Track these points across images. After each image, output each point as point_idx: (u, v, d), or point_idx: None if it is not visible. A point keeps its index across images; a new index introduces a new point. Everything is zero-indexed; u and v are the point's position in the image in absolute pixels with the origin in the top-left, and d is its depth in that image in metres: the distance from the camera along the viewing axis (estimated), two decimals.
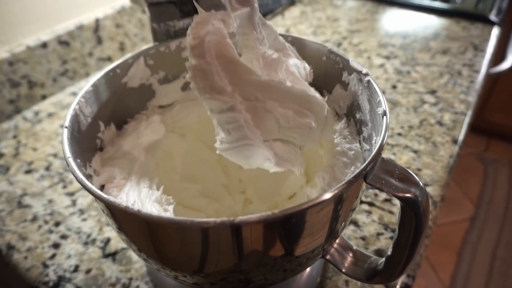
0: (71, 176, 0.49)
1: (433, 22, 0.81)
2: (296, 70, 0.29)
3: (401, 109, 0.58)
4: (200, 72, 0.22)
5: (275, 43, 0.30)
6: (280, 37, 0.31)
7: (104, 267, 0.39)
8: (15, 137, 0.56)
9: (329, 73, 0.34)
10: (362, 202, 0.44)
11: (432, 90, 0.62)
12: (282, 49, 0.31)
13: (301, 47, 0.35)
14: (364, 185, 0.26)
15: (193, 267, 0.26)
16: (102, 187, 0.31)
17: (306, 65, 0.31)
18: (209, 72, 0.22)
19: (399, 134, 0.53)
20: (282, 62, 0.27)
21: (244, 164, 0.28)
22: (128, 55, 0.35)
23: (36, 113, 0.60)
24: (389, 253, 0.28)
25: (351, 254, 0.31)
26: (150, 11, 0.41)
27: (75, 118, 0.30)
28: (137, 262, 0.39)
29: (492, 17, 0.79)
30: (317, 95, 0.28)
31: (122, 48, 0.74)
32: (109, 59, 0.73)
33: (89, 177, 0.30)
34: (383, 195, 0.45)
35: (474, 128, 1.66)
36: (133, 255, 0.40)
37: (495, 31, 0.77)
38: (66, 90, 0.65)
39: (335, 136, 0.33)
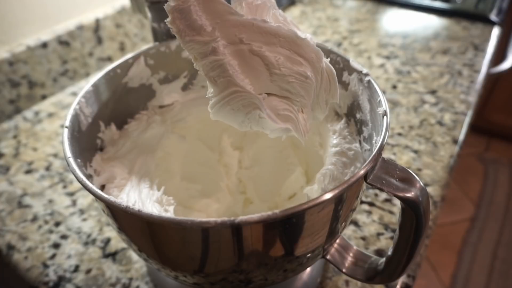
0: (71, 176, 0.49)
1: (434, 22, 0.81)
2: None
3: (401, 109, 0.58)
4: (178, 13, 0.22)
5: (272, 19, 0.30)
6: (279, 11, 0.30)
7: (104, 267, 0.39)
8: (15, 137, 0.56)
9: None
10: (362, 202, 0.44)
11: (432, 90, 0.62)
12: (283, 22, 0.30)
13: None
14: (364, 185, 0.26)
15: (194, 267, 0.26)
16: (102, 187, 0.31)
17: (308, 35, 0.30)
18: (188, 11, 0.21)
19: (399, 134, 0.53)
20: (268, 8, 0.25)
21: (237, 124, 0.26)
22: (128, 55, 0.35)
23: (36, 113, 0.60)
24: (389, 253, 0.28)
25: (351, 254, 0.31)
26: (150, 11, 0.41)
27: (76, 118, 0.30)
28: (137, 262, 0.39)
29: (493, 17, 0.79)
30: (311, 41, 0.25)
31: (122, 48, 0.74)
32: (109, 59, 0.73)
33: (89, 177, 0.30)
34: (383, 195, 0.45)
35: (474, 128, 1.66)
36: (133, 255, 0.40)
37: (496, 31, 0.77)
38: (66, 90, 0.65)
39: (334, 137, 0.33)
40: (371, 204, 0.44)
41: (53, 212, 0.44)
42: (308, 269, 0.37)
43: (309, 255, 0.27)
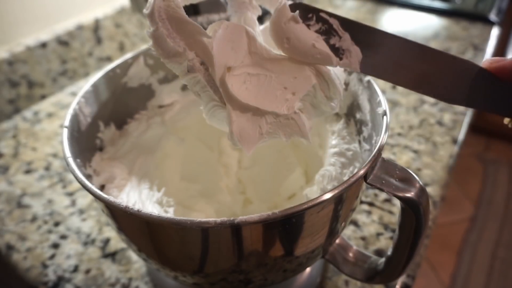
0: (71, 176, 0.49)
1: (433, 22, 0.81)
2: None
3: (401, 109, 0.58)
4: (155, 38, 0.23)
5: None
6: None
7: (104, 267, 0.39)
8: (14, 137, 0.55)
9: None
10: (362, 202, 0.44)
11: None
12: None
13: None
14: (364, 185, 0.26)
15: (193, 267, 0.26)
16: (102, 187, 0.31)
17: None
18: (161, 35, 0.23)
19: (399, 134, 0.53)
20: (256, 26, 0.27)
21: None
22: (128, 55, 0.35)
23: (36, 113, 0.60)
24: (389, 253, 0.28)
25: (351, 254, 0.31)
26: None
27: (75, 118, 0.30)
28: (137, 262, 0.39)
29: (492, 17, 0.79)
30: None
31: (121, 48, 0.74)
32: (109, 59, 0.73)
33: (89, 177, 0.30)
34: (383, 195, 0.45)
35: (474, 128, 1.65)
36: (133, 255, 0.40)
37: (495, 31, 0.77)
38: (66, 90, 0.65)
39: (333, 137, 0.33)
40: (371, 204, 0.44)
41: (53, 212, 0.44)
42: (308, 269, 0.37)
43: (308, 255, 0.27)
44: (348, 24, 0.24)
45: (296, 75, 0.25)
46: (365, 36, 0.24)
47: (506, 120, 0.24)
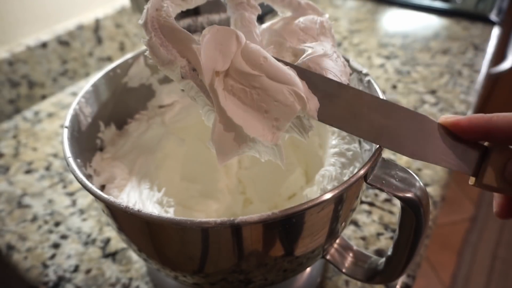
0: (71, 176, 0.49)
1: (433, 22, 0.81)
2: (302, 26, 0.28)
3: None
4: (149, 47, 0.23)
5: (284, 3, 0.29)
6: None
7: (104, 267, 0.39)
8: (15, 137, 0.56)
9: None
10: (362, 202, 0.44)
11: (432, 90, 0.62)
12: (297, 7, 0.29)
13: None
14: (364, 185, 0.26)
15: (193, 267, 0.26)
16: (102, 187, 0.31)
17: (324, 18, 0.29)
18: (155, 45, 0.23)
19: None
20: (255, 26, 0.27)
21: None
22: (128, 55, 0.35)
23: (36, 113, 0.60)
24: (389, 253, 0.28)
25: (351, 254, 0.31)
26: None
27: (75, 118, 0.30)
28: (137, 262, 0.39)
29: (493, 17, 0.79)
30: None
31: (122, 48, 0.74)
32: (109, 59, 0.73)
33: (89, 177, 0.30)
34: (383, 195, 0.45)
35: None
36: (133, 255, 0.40)
37: (496, 31, 0.77)
38: (66, 90, 0.65)
39: (333, 137, 0.33)
40: (371, 204, 0.44)
41: (53, 212, 0.44)
42: (308, 269, 0.37)
43: (308, 255, 0.27)
44: (304, 74, 0.24)
45: (277, 98, 0.23)
46: (322, 85, 0.24)
47: (471, 181, 0.24)
